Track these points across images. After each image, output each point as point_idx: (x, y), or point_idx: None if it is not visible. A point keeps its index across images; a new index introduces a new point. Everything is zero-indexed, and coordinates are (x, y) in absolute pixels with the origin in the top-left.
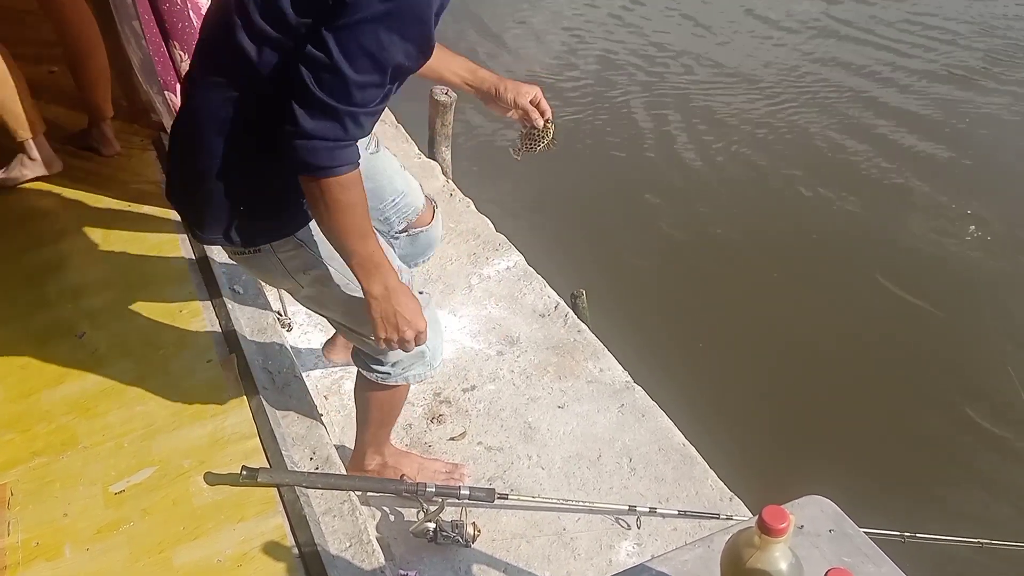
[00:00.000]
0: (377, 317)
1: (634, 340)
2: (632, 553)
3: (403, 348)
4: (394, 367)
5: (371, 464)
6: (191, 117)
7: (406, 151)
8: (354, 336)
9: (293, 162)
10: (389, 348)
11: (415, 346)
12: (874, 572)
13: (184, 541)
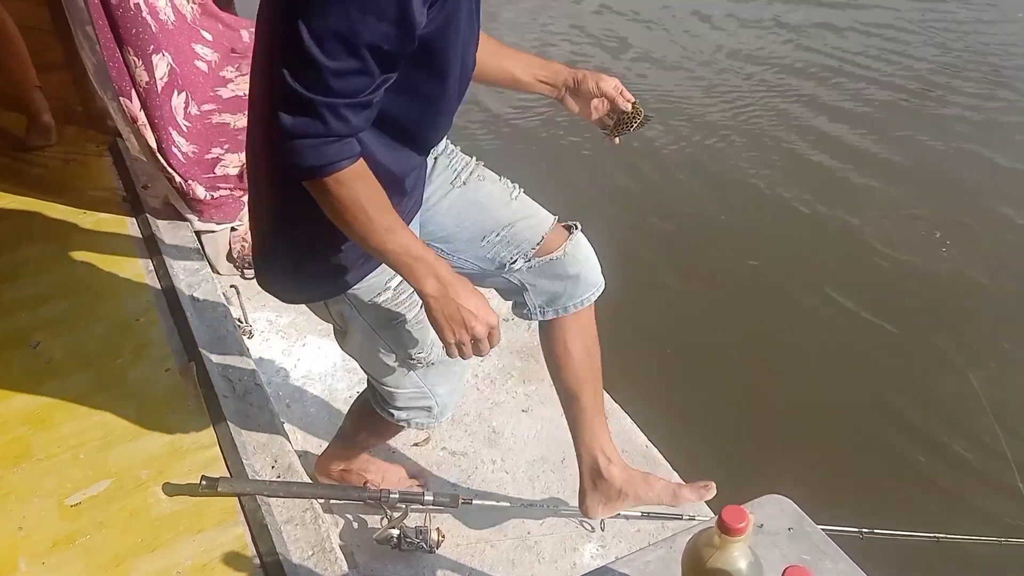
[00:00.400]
0: (440, 319)
1: None
2: (596, 555)
3: (478, 351)
4: (399, 411)
5: (336, 468)
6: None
7: None
8: (368, 374)
9: (284, 168)
10: (462, 355)
11: (490, 346)
12: (832, 569)
13: (142, 553)
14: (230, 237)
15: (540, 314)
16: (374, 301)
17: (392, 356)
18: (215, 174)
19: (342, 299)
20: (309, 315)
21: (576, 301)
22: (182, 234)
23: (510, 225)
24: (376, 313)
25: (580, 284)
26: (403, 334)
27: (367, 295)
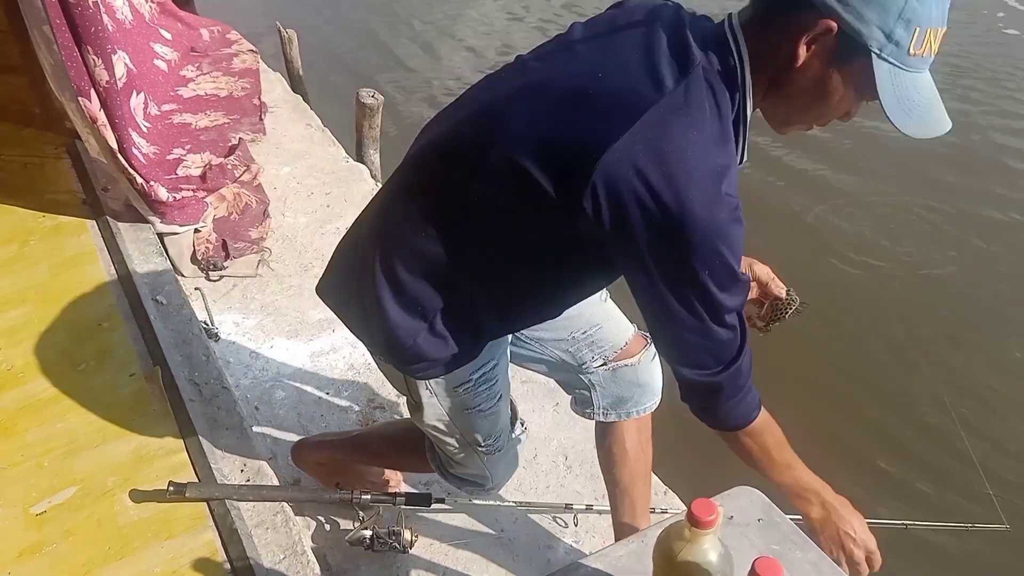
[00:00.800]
0: (823, 540)
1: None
2: (570, 551)
3: (855, 573)
4: (454, 477)
5: (316, 461)
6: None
7: (333, 155)
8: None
9: (704, 417)
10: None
11: (871, 569)
12: (801, 558)
13: (110, 561)
14: (194, 239)
15: (603, 415)
16: (455, 390)
17: (461, 439)
18: (177, 175)
19: (424, 383)
20: (276, 316)
21: (640, 408)
22: (144, 236)
23: (598, 326)
24: (453, 400)
25: (647, 393)
26: (475, 422)
27: (451, 383)
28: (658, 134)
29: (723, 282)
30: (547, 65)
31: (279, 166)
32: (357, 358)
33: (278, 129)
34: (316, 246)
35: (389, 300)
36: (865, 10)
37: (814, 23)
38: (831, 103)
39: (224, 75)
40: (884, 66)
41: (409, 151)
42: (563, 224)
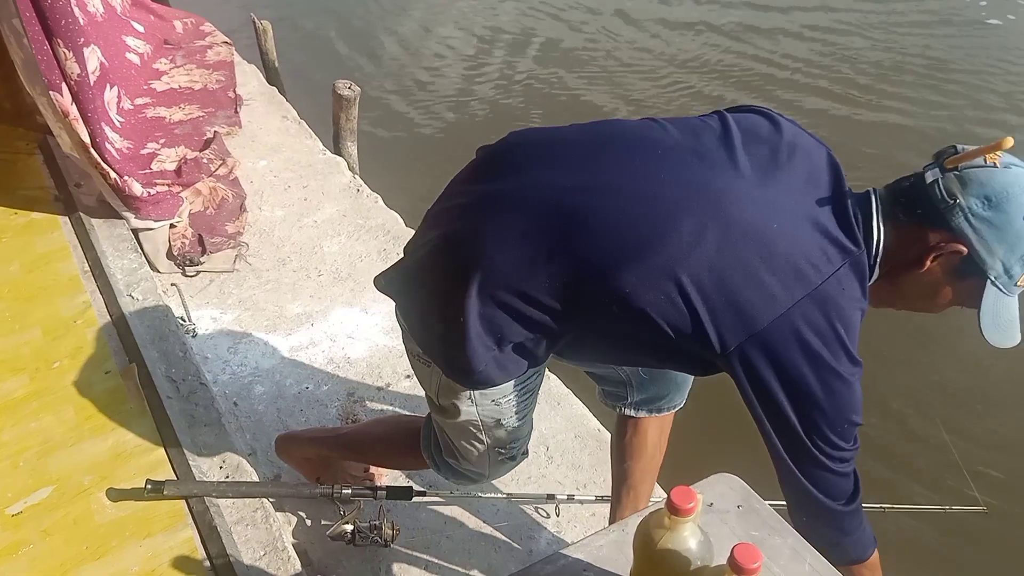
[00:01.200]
0: None
1: None
2: (552, 541)
3: None
4: (448, 469)
5: (302, 455)
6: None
7: (310, 147)
8: (449, 443)
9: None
10: None
11: None
12: (780, 543)
13: (88, 561)
14: (169, 234)
15: (634, 411)
16: (497, 400)
17: (484, 446)
18: (151, 170)
19: (466, 392)
20: (255, 311)
21: (671, 405)
22: (118, 232)
23: None
24: (492, 409)
25: (679, 392)
26: (506, 433)
27: (495, 395)
28: (822, 312)
29: (846, 437)
30: (716, 176)
31: (255, 159)
32: (336, 352)
33: (254, 122)
34: (294, 240)
35: (474, 323)
36: (996, 246)
37: (947, 242)
38: (934, 303)
39: (198, 68)
40: (993, 290)
41: (534, 175)
42: (693, 350)
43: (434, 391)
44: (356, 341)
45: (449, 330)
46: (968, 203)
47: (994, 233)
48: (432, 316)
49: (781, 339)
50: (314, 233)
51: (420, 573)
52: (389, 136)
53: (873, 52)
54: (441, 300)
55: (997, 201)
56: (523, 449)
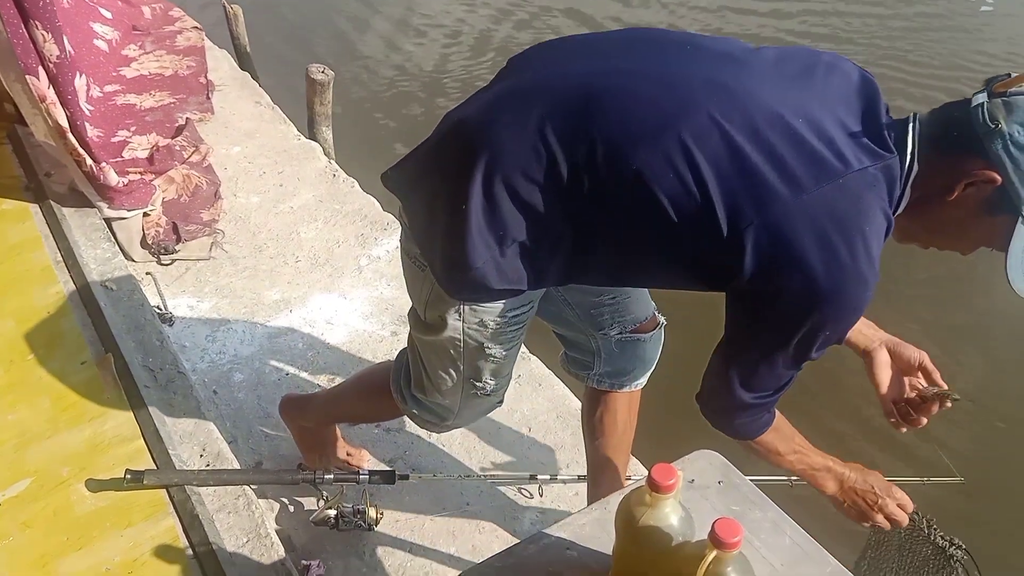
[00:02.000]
0: (849, 513)
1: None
2: (536, 521)
3: (895, 524)
4: (417, 404)
5: (301, 422)
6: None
7: (284, 133)
8: (421, 366)
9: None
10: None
11: (903, 517)
12: (760, 517)
13: (68, 552)
14: (143, 223)
15: (596, 382)
16: (485, 322)
17: (459, 373)
18: (123, 158)
19: (456, 305)
20: (232, 299)
21: (635, 383)
22: (90, 221)
23: (628, 296)
24: (478, 332)
25: (644, 369)
26: (485, 361)
27: (484, 314)
28: (845, 204)
29: (826, 345)
30: (747, 77)
31: (229, 146)
32: (316, 338)
33: (226, 108)
34: (270, 226)
35: (477, 214)
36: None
37: (981, 170)
38: (961, 240)
39: (168, 53)
40: (1023, 229)
41: (560, 67)
42: (700, 239)
43: (423, 302)
44: (335, 327)
45: (451, 221)
46: (1010, 129)
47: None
48: (436, 205)
49: (797, 225)
50: (290, 219)
51: (405, 556)
52: (365, 120)
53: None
54: (446, 187)
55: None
56: (498, 392)
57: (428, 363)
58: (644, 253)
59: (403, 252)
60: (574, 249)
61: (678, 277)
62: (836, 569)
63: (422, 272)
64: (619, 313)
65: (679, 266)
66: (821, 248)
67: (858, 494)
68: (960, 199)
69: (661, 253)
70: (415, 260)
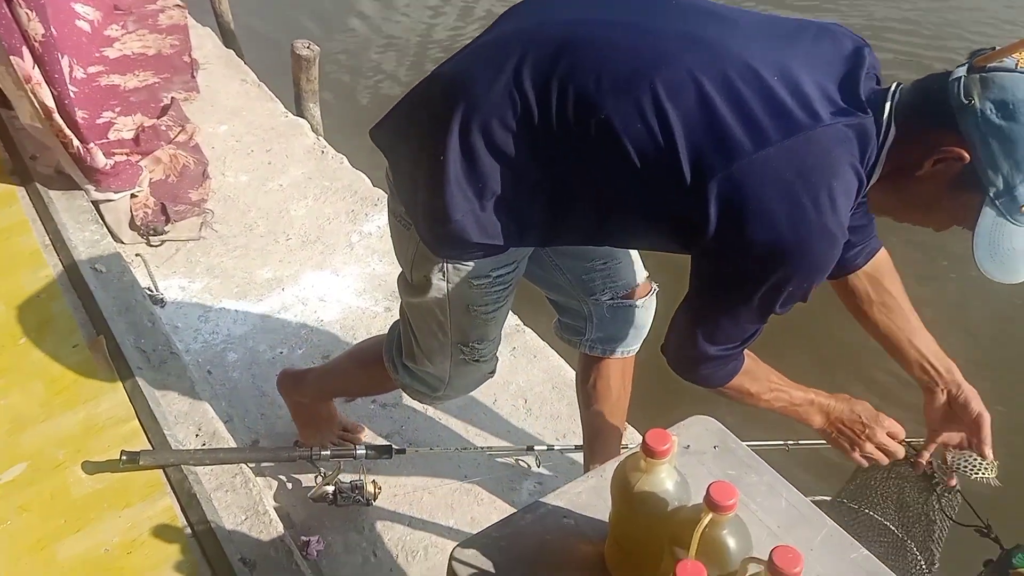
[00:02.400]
0: (838, 445)
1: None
2: (534, 492)
3: (890, 456)
4: (408, 373)
5: (297, 397)
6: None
7: (271, 110)
8: (409, 331)
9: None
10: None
11: (896, 443)
12: (756, 481)
13: (67, 535)
14: (131, 204)
15: (589, 348)
16: (469, 281)
17: (446, 336)
18: (108, 139)
19: (440, 264)
20: (224, 279)
21: (627, 349)
22: (78, 204)
23: (619, 261)
24: (463, 292)
25: (638, 336)
26: (473, 322)
27: (468, 273)
28: (813, 157)
29: (791, 301)
30: (729, 35)
31: (216, 124)
32: (309, 315)
33: (212, 86)
34: (259, 205)
35: (455, 165)
36: (1002, 160)
37: (951, 146)
38: (930, 216)
39: (151, 33)
40: (991, 211)
41: (541, 17)
42: (665, 190)
43: (409, 261)
44: (328, 304)
45: (430, 174)
46: (983, 106)
47: (1003, 145)
48: (416, 159)
49: (761, 178)
50: (280, 197)
51: (404, 529)
52: (353, 95)
53: None
54: (425, 139)
55: (1015, 110)
56: (488, 359)
57: (417, 329)
58: (617, 208)
59: (389, 212)
60: (552, 202)
61: (653, 234)
62: (832, 530)
63: (407, 231)
64: (611, 279)
65: (651, 222)
66: (785, 201)
67: (845, 424)
68: (929, 174)
69: (632, 207)
70: (400, 219)
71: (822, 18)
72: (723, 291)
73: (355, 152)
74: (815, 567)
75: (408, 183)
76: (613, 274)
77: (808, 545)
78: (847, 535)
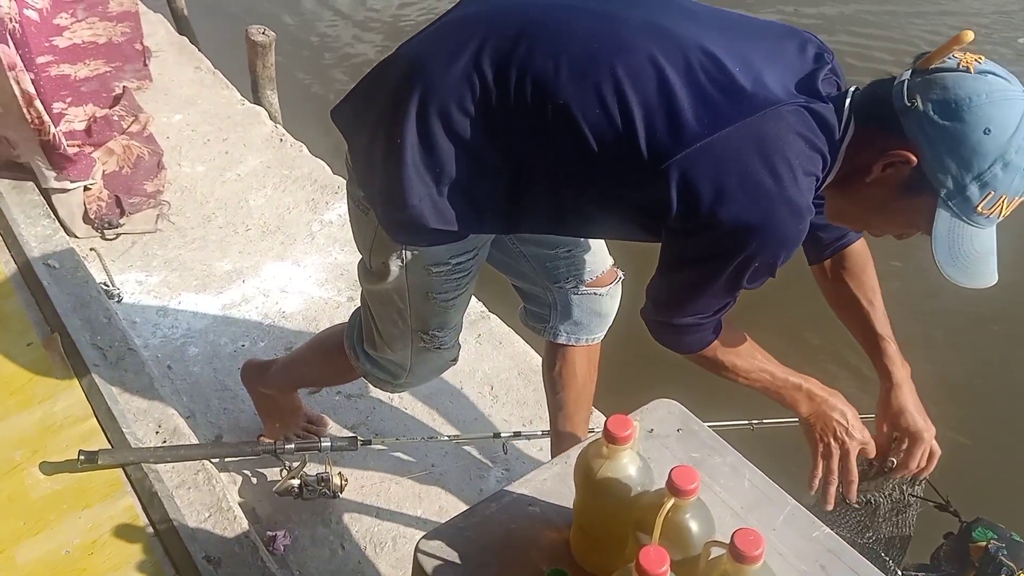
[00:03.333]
0: (814, 433)
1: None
2: (502, 479)
3: (844, 466)
4: (370, 360)
5: (261, 388)
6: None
7: (227, 98)
8: (371, 318)
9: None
10: (827, 465)
11: (848, 471)
12: (720, 463)
13: (25, 537)
14: (84, 197)
15: (553, 335)
16: (429, 268)
17: (406, 324)
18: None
19: (398, 250)
20: (182, 272)
21: (592, 337)
22: (28, 198)
23: (583, 249)
24: (422, 279)
25: (603, 323)
26: (433, 309)
27: (427, 259)
28: (773, 136)
29: (759, 277)
30: (692, 28)
31: (170, 114)
32: (271, 307)
33: (165, 74)
34: (217, 195)
35: (412, 149)
36: (949, 160)
37: (897, 149)
38: (887, 222)
39: (101, 20)
40: (945, 213)
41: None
42: (624, 173)
43: (368, 248)
44: (290, 295)
45: (387, 158)
46: (925, 108)
47: (948, 144)
48: (373, 142)
49: (720, 158)
50: (238, 187)
51: (371, 521)
52: (311, 81)
53: None
54: (382, 121)
55: (957, 109)
56: (448, 346)
57: (377, 316)
58: (576, 193)
59: (348, 197)
60: (510, 187)
61: (615, 220)
62: (794, 508)
63: (366, 216)
64: (575, 266)
65: (612, 206)
66: (744, 176)
67: (827, 422)
68: (880, 179)
69: (590, 191)
70: (359, 204)
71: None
72: (691, 268)
73: (314, 140)
74: (778, 546)
75: (366, 167)
76: (578, 262)
77: (771, 525)
78: (809, 514)
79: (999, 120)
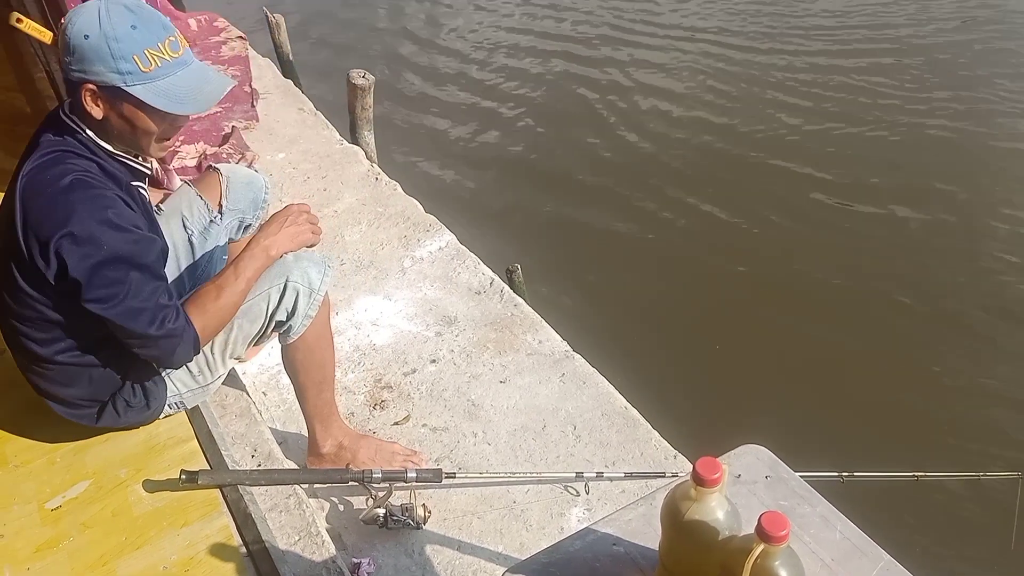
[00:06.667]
0: (295, 239)
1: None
2: (583, 519)
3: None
4: (289, 317)
5: (325, 447)
6: None
7: (327, 138)
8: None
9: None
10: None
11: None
12: (809, 512)
13: (127, 552)
14: None
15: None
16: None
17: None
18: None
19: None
20: None
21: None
22: None
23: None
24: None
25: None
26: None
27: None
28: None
29: (130, 251)
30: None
31: (274, 152)
32: (361, 339)
33: (271, 115)
34: None
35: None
36: (93, 67)
37: (83, 91)
38: (141, 130)
39: (214, 63)
40: (138, 88)
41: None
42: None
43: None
44: (380, 328)
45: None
46: (66, 60)
47: (85, 64)
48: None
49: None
50: (335, 223)
51: (453, 554)
52: (406, 124)
53: None
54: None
55: (67, 49)
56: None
57: (240, 324)
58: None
59: None
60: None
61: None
62: (889, 563)
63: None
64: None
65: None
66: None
67: (283, 225)
68: (104, 113)
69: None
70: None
71: None
72: (100, 290)
73: (408, 179)
74: None
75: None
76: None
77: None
78: (904, 569)
79: (86, 25)
